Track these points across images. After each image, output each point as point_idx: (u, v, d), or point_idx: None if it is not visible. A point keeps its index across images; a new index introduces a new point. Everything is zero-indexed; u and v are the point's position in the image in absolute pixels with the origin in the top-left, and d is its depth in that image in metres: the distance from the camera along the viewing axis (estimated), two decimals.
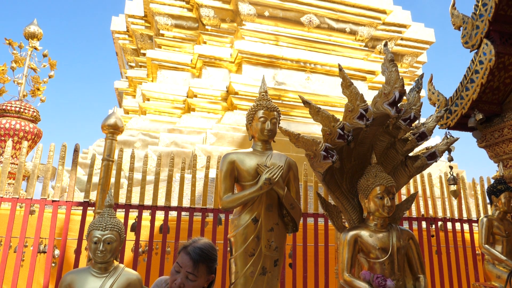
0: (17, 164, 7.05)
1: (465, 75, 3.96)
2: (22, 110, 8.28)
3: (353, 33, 11.56)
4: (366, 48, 11.65)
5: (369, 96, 10.91)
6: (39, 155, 4.17)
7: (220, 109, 10.22)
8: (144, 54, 12.86)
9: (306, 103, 2.64)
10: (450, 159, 4.18)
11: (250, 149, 2.99)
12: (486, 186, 6.46)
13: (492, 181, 5.12)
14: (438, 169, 9.33)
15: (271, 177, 2.67)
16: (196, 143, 8.93)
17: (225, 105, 10.21)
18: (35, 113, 8.49)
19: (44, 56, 9.69)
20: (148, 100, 10.58)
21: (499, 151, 4.13)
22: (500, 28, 3.77)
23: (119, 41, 14.18)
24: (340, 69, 2.66)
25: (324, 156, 2.59)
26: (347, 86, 2.67)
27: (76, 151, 4.25)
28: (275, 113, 3.00)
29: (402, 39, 12.77)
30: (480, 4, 3.79)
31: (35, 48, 9.56)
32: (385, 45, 2.80)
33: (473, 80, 3.84)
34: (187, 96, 10.40)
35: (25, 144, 4.19)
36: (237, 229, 2.74)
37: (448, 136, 4.11)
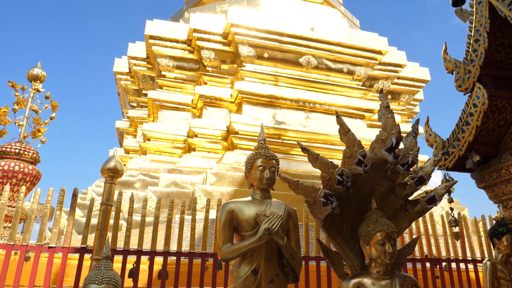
0: (14, 207, 6.99)
1: (460, 118, 4.03)
2: (22, 151, 8.33)
3: (350, 73, 11.84)
4: (364, 87, 11.89)
5: (368, 134, 11.02)
6: (36, 199, 4.16)
7: (220, 148, 10.28)
8: (145, 95, 13.10)
9: (304, 149, 2.68)
10: (450, 201, 4.17)
11: (249, 198, 2.99)
12: (488, 225, 6.41)
13: (493, 222, 5.07)
14: (439, 206, 9.27)
15: (270, 227, 2.65)
16: (196, 183, 8.92)
17: (225, 145, 10.28)
18: (34, 155, 8.53)
19: (46, 98, 9.88)
20: (149, 140, 10.67)
21: (498, 192, 4.12)
22: (491, 72, 3.87)
23: (121, 81, 14.48)
24: (338, 115, 2.72)
25: (323, 202, 2.59)
26: (344, 132, 2.71)
27: (74, 195, 4.24)
28: (274, 161, 3.01)
29: (398, 78, 13.06)
30: (470, 50, 3.91)
31: (38, 90, 9.75)
32: (381, 92, 2.88)
33: (469, 122, 3.90)
34: (188, 136, 10.49)
35: (23, 189, 4.19)
36: (236, 281, 2.68)
37: (447, 178, 4.13)
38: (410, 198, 3.07)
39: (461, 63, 4.06)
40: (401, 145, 3.73)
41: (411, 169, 2.94)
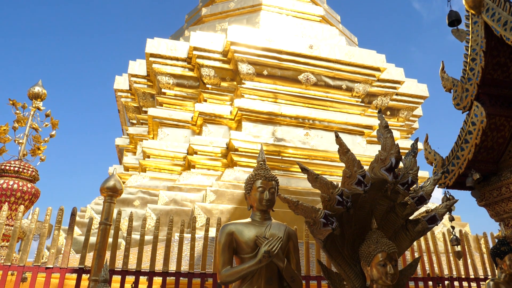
0: (12, 226, 6.94)
1: (459, 136, 4.04)
2: (21, 169, 8.32)
3: (349, 89, 11.92)
4: (363, 104, 11.96)
5: (367, 151, 11.02)
6: (35, 219, 4.14)
7: (220, 165, 10.27)
8: (145, 112, 13.16)
9: (304, 169, 2.68)
10: (451, 219, 4.15)
11: (249, 219, 2.97)
12: (490, 242, 6.35)
13: (495, 240, 5.02)
14: (441, 222, 9.20)
15: (270, 250, 2.63)
16: (196, 201, 8.88)
17: (225, 162, 10.27)
18: (34, 173, 8.52)
19: (47, 116, 9.92)
20: (149, 157, 10.67)
21: (499, 210, 4.10)
22: (488, 91, 3.90)
23: (121, 99, 14.56)
24: (337, 135, 2.73)
25: (323, 223, 2.57)
26: (344, 152, 2.71)
27: (73, 215, 4.22)
28: (274, 182, 3.00)
29: (397, 94, 13.14)
30: (467, 68, 3.95)
31: (38, 108, 9.80)
32: (379, 111, 2.90)
33: (467, 140, 3.91)
34: (188, 153, 10.49)
35: (21, 208, 4.17)
36: None
37: (448, 196, 4.11)
38: (410, 218, 3.05)
39: (459, 81, 4.10)
40: (401, 164, 3.73)
41: (411, 189, 2.94)
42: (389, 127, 2.87)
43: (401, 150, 12.13)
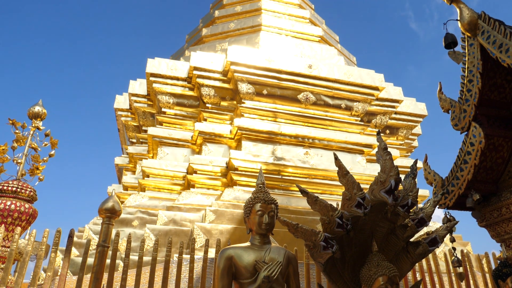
0: (8, 247, 6.86)
1: (458, 156, 4.04)
2: (19, 190, 8.25)
3: (348, 108, 11.99)
4: (362, 123, 12.01)
5: (367, 170, 11.00)
6: (31, 241, 4.10)
7: (219, 185, 10.23)
8: (145, 131, 13.19)
9: (303, 192, 2.67)
10: (452, 240, 4.11)
11: (248, 243, 2.93)
12: (492, 263, 6.28)
13: (498, 261, 4.97)
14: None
15: (269, 275, 2.59)
16: (195, 221, 8.81)
17: (224, 181, 10.24)
18: (32, 193, 8.45)
19: (46, 135, 9.91)
20: (148, 176, 10.64)
21: (500, 231, 4.07)
22: (486, 112, 3.93)
23: (121, 118, 14.62)
24: (336, 157, 2.73)
25: (324, 246, 2.55)
26: (343, 174, 2.72)
27: (70, 236, 4.18)
28: (273, 205, 2.98)
29: (396, 113, 13.21)
30: (465, 89, 3.99)
31: (38, 128, 9.80)
32: (378, 133, 2.91)
33: (466, 161, 3.91)
34: (187, 172, 10.47)
35: (17, 230, 4.14)
36: None
37: (448, 217, 4.09)
38: (411, 240, 3.03)
39: (456, 102, 4.13)
40: (400, 186, 3.72)
41: (411, 211, 2.93)
42: (389, 145, 2.88)
43: (401, 169, 12.20)
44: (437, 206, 4.23)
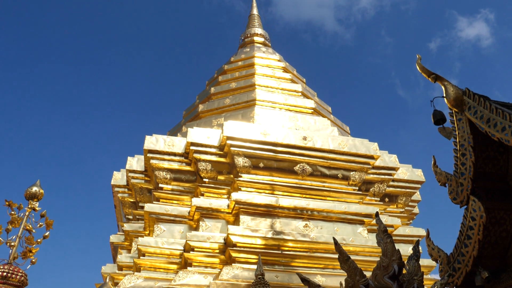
0: None
1: (460, 231, 3.96)
2: (9, 275, 7.88)
3: (345, 178, 12.00)
4: (360, 192, 11.95)
5: (369, 241, 10.70)
6: None
7: (218, 262, 9.87)
8: (142, 207, 13.00)
9: (304, 280, 2.57)
10: None
11: None
12: None
13: None
14: None
15: None
16: None
17: (223, 258, 9.89)
18: (22, 278, 8.06)
19: (42, 216, 9.73)
20: (144, 255, 10.28)
21: None
22: (483, 185, 3.93)
23: (118, 194, 14.49)
24: (336, 243, 2.67)
25: None
26: (344, 260, 2.63)
27: None
28: None
29: (393, 180, 13.20)
30: (459, 163, 4.03)
31: (34, 209, 9.65)
32: (377, 215, 2.87)
33: (470, 236, 3.83)
34: (184, 250, 10.14)
35: None
36: None
37: None
38: None
39: (452, 175, 4.14)
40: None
41: None
42: (389, 214, 2.82)
43: (403, 238, 11.88)
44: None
